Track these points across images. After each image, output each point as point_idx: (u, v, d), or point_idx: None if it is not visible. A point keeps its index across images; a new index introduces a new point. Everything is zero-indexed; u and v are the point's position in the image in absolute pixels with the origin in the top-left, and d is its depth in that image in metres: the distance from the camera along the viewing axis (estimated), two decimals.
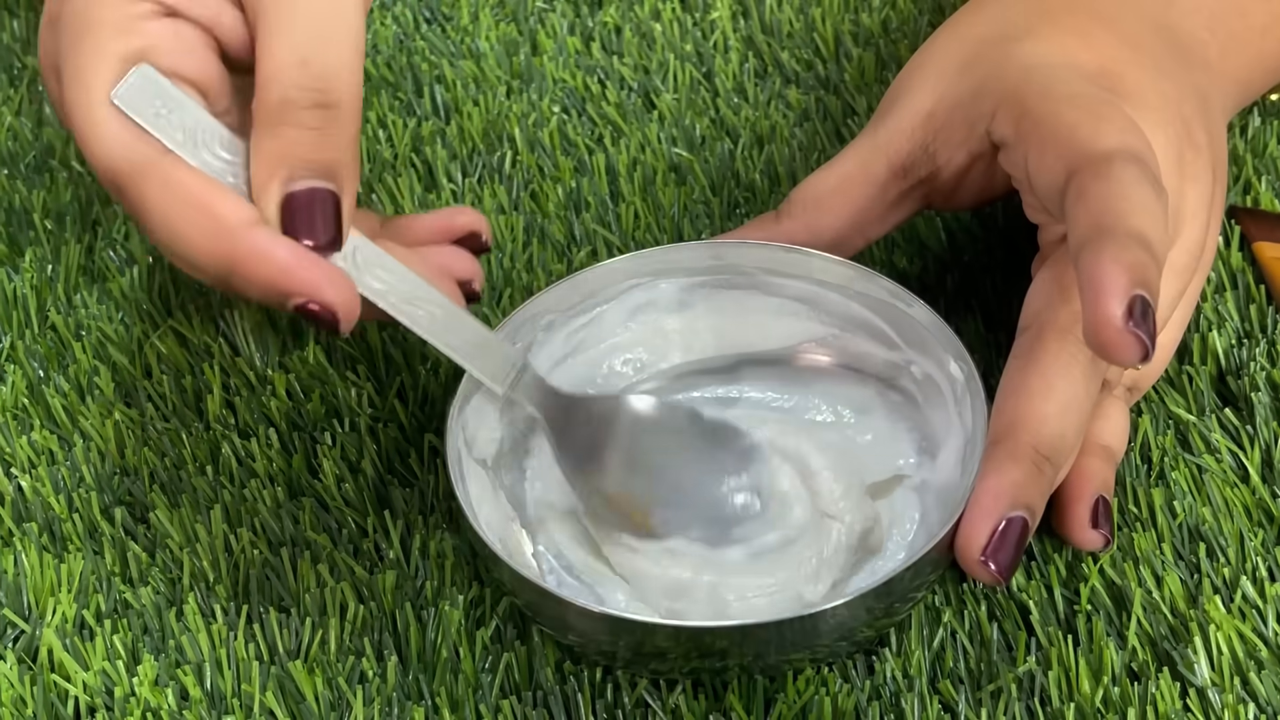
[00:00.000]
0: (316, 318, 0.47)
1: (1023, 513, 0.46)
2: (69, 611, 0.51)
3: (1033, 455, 0.46)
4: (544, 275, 0.60)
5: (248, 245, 0.46)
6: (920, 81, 0.53)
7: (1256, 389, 0.53)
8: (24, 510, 0.54)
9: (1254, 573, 0.49)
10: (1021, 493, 0.46)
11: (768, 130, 0.65)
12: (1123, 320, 0.43)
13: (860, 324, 0.53)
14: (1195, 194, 0.50)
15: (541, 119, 0.67)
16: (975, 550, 0.46)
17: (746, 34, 0.69)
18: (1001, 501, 0.46)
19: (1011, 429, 0.47)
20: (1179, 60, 0.53)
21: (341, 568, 0.52)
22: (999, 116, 0.50)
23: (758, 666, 0.47)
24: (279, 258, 0.46)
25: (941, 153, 0.52)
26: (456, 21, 0.72)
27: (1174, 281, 0.50)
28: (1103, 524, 0.49)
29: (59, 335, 0.60)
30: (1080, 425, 0.48)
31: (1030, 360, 0.48)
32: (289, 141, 0.47)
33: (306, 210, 0.47)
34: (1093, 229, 0.45)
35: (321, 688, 0.49)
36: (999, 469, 0.46)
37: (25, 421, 0.57)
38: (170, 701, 0.49)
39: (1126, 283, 0.43)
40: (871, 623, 0.46)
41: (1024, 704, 0.47)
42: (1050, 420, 0.47)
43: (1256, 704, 0.46)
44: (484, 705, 0.48)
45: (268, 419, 0.56)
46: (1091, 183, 0.46)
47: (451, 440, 0.49)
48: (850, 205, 0.53)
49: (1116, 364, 0.44)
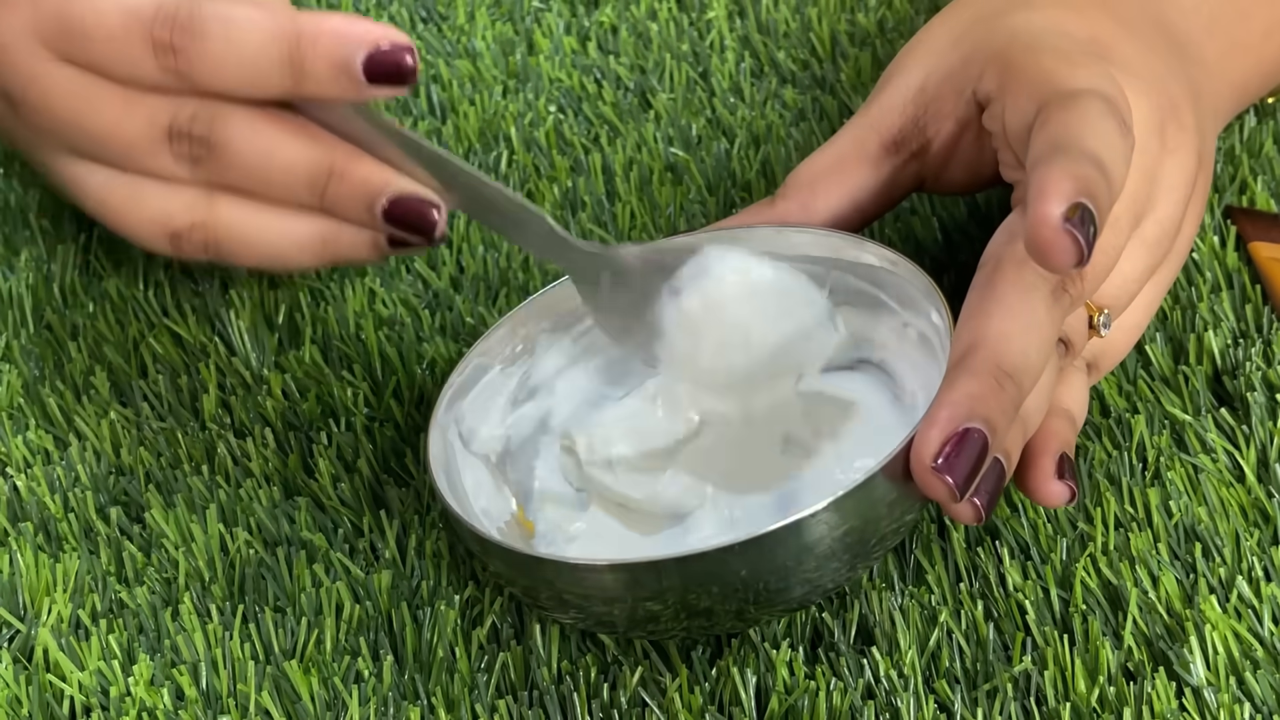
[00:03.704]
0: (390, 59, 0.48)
1: (979, 424, 0.44)
2: (64, 611, 0.51)
3: (992, 370, 0.45)
4: (540, 275, 0.60)
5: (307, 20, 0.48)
6: (912, 61, 0.53)
7: (1252, 389, 0.53)
8: (19, 509, 0.54)
9: (1249, 572, 0.49)
10: (978, 405, 0.45)
11: (764, 130, 0.65)
12: (1060, 220, 0.43)
13: (865, 298, 0.52)
14: (1175, 168, 0.50)
15: (538, 118, 0.67)
16: (926, 457, 0.44)
17: (743, 34, 0.69)
18: (957, 410, 0.45)
19: (970, 349, 0.46)
20: (1174, 53, 0.52)
21: (337, 567, 0.52)
22: (985, 75, 0.51)
23: (742, 618, 0.47)
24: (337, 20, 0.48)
25: (932, 124, 0.52)
26: (452, 21, 0.72)
27: (1143, 254, 0.49)
28: (1068, 476, 0.48)
29: (54, 335, 0.60)
30: (1043, 349, 0.46)
31: (988, 289, 0.47)
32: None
33: None
34: (1049, 147, 0.45)
35: (317, 687, 0.49)
36: (954, 383, 0.45)
37: (21, 421, 0.57)
38: (166, 701, 0.49)
39: (1071, 189, 0.43)
40: (837, 557, 0.46)
41: (1020, 703, 0.47)
42: (1011, 338, 0.46)
43: (1252, 703, 0.46)
44: (480, 705, 0.48)
45: (263, 418, 0.56)
46: (1056, 112, 0.46)
47: (440, 432, 0.50)
48: (844, 184, 0.53)
49: (1052, 268, 0.44)
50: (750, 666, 0.48)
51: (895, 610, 0.49)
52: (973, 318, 0.47)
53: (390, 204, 0.49)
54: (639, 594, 0.46)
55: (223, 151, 0.50)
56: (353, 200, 0.50)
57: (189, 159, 0.50)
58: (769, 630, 0.49)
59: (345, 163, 0.50)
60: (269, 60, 0.49)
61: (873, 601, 0.49)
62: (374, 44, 0.48)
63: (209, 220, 0.51)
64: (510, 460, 0.52)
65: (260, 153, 0.50)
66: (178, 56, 0.49)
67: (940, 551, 0.51)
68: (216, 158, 0.50)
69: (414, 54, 0.48)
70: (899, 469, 0.45)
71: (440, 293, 0.60)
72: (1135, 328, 0.52)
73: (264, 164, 0.50)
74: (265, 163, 0.50)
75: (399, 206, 0.49)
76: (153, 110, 0.50)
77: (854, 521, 0.45)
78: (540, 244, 0.50)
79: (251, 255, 0.51)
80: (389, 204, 0.49)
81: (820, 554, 0.45)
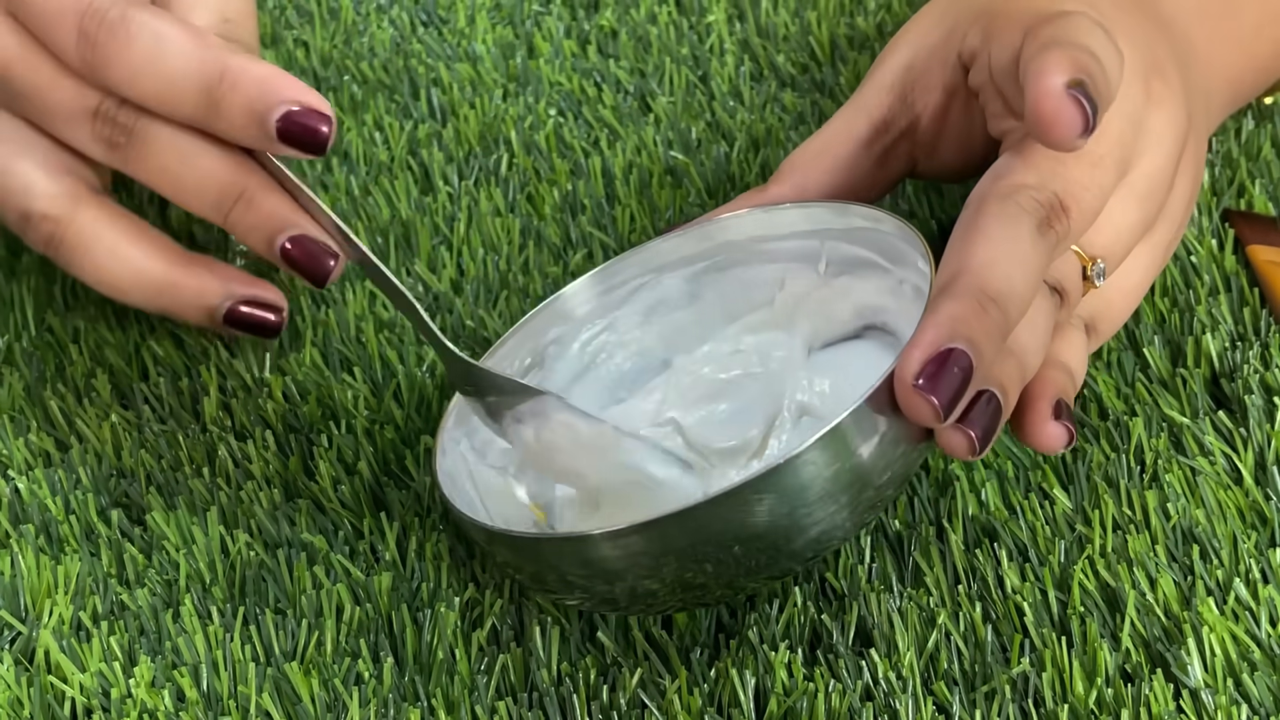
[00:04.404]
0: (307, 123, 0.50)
1: (962, 344, 0.44)
2: (65, 613, 0.51)
3: (975, 294, 0.45)
4: (540, 277, 0.60)
5: (236, 62, 0.50)
6: (899, 45, 0.54)
7: (1250, 392, 0.53)
8: (21, 512, 0.55)
9: (1247, 575, 0.49)
10: (960, 325, 0.44)
11: (763, 133, 0.65)
12: (1063, 89, 0.43)
13: (860, 263, 0.52)
14: (1162, 121, 0.50)
15: (538, 122, 0.67)
16: (908, 376, 0.44)
17: (742, 37, 0.69)
18: (939, 331, 0.44)
19: (953, 276, 0.45)
20: (1161, 31, 0.52)
21: (338, 569, 0.52)
22: (969, 35, 0.51)
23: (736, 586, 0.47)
24: (265, 70, 0.50)
25: (920, 99, 0.53)
26: (453, 24, 0.72)
27: (1135, 205, 0.49)
28: (1065, 418, 0.48)
29: (56, 337, 0.60)
30: (1028, 278, 0.46)
31: (972, 224, 0.46)
32: None
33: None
34: (1041, 46, 0.46)
35: (318, 689, 0.49)
36: (938, 307, 0.45)
37: (22, 424, 0.57)
38: (167, 703, 0.49)
39: (1070, 66, 0.44)
40: (836, 492, 0.45)
41: (1018, 705, 0.47)
42: (995, 264, 0.45)
43: (1249, 705, 0.46)
44: (480, 707, 0.48)
45: (264, 421, 0.56)
46: (1045, 26, 0.47)
47: (447, 441, 0.50)
48: (835, 165, 0.53)
49: (1058, 141, 0.44)
50: (749, 668, 0.48)
51: (894, 612, 0.49)
52: (956, 250, 0.46)
53: (290, 242, 0.52)
54: (655, 550, 0.45)
55: (142, 144, 0.51)
56: (255, 229, 0.52)
57: (106, 141, 0.51)
58: (767, 631, 0.49)
59: (257, 190, 0.52)
60: (187, 86, 0.50)
61: (871, 603, 0.49)
62: (293, 103, 0.50)
63: (64, 216, 0.52)
64: (530, 471, 0.52)
65: (179, 154, 0.51)
66: (95, 52, 0.50)
67: (939, 553, 0.51)
68: (135, 148, 0.51)
69: (331, 124, 0.50)
70: (885, 399, 0.44)
71: (440, 295, 0.60)
72: (1135, 290, 0.52)
73: (179, 167, 0.51)
74: (180, 166, 0.51)
75: (299, 246, 0.52)
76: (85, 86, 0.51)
77: (845, 460, 0.44)
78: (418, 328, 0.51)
79: (89, 271, 0.53)
80: (289, 241, 0.52)
81: (815, 497, 0.44)
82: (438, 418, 0.56)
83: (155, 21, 0.50)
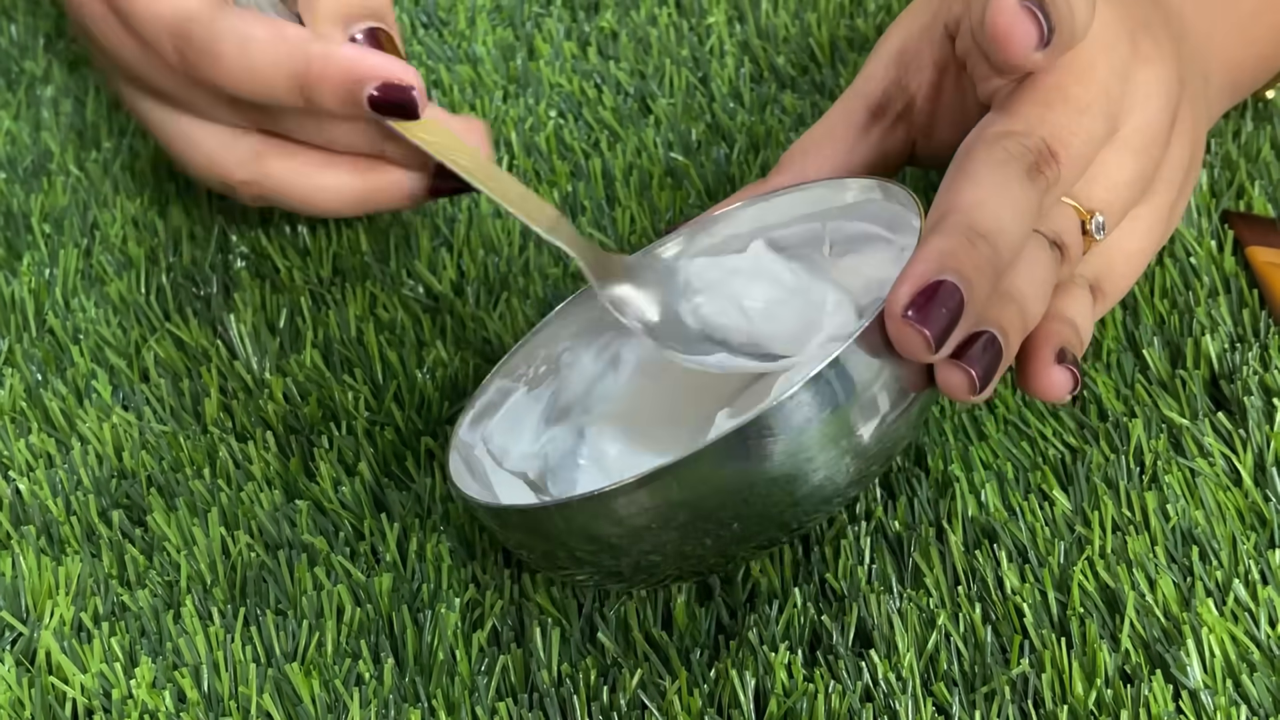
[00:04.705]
0: (394, 97, 0.53)
1: (951, 276, 0.44)
2: (66, 614, 0.51)
3: (964, 230, 0.45)
4: (540, 279, 0.60)
5: (318, 50, 0.53)
6: (891, 32, 0.55)
7: (1249, 393, 0.53)
8: (22, 513, 0.55)
9: (1246, 576, 0.49)
10: (948, 259, 0.44)
11: (763, 135, 0.65)
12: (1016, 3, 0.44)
13: (863, 238, 0.52)
14: (1151, 77, 0.50)
15: (538, 123, 0.67)
16: (898, 309, 0.44)
17: (742, 39, 0.70)
18: (928, 265, 0.44)
19: (941, 216, 0.45)
20: (1156, 8, 0.52)
21: (338, 570, 0.52)
22: (954, 6, 0.52)
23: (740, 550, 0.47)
24: (347, 53, 0.53)
25: (913, 79, 0.53)
26: (453, 26, 0.72)
27: (1130, 160, 0.49)
28: (1069, 363, 0.47)
29: (57, 339, 0.60)
30: (1019, 219, 0.46)
31: (959, 168, 0.47)
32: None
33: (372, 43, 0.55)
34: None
35: (318, 690, 0.49)
36: (927, 242, 0.45)
37: (23, 425, 0.57)
38: (168, 703, 0.49)
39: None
40: (836, 436, 0.45)
41: (1017, 706, 0.47)
42: (984, 203, 0.45)
43: (1249, 706, 0.46)
44: (480, 707, 0.48)
45: (265, 422, 0.56)
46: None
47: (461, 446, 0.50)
48: (835, 151, 0.54)
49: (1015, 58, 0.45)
50: (749, 669, 0.48)
51: (893, 613, 0.49)
52: (944, 194, 0.46)
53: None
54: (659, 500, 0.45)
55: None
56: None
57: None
58: (767, 632, 0.49)
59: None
60: (279, 83, 0.53)
61: (871, 604, 0.50)
62: (381, 80, 0.52)
63: (259, 178, 0.56)
64: (551, 476, 0.52)
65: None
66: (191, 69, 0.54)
67: (938, 554, 0.51)
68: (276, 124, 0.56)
69: (416, 88, 0.53)
70: (877, 339, 0.44)
71: (441, 297, 0.60)
72: (1138, 254, 0.51)
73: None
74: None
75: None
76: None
77: (840, 400, 0.44)
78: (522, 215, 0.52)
79: (299, 205, 0.57)
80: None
81: (813, 440, 0.44)
82: (438, 419, 0.56)
83: (236, 24, 0.53)
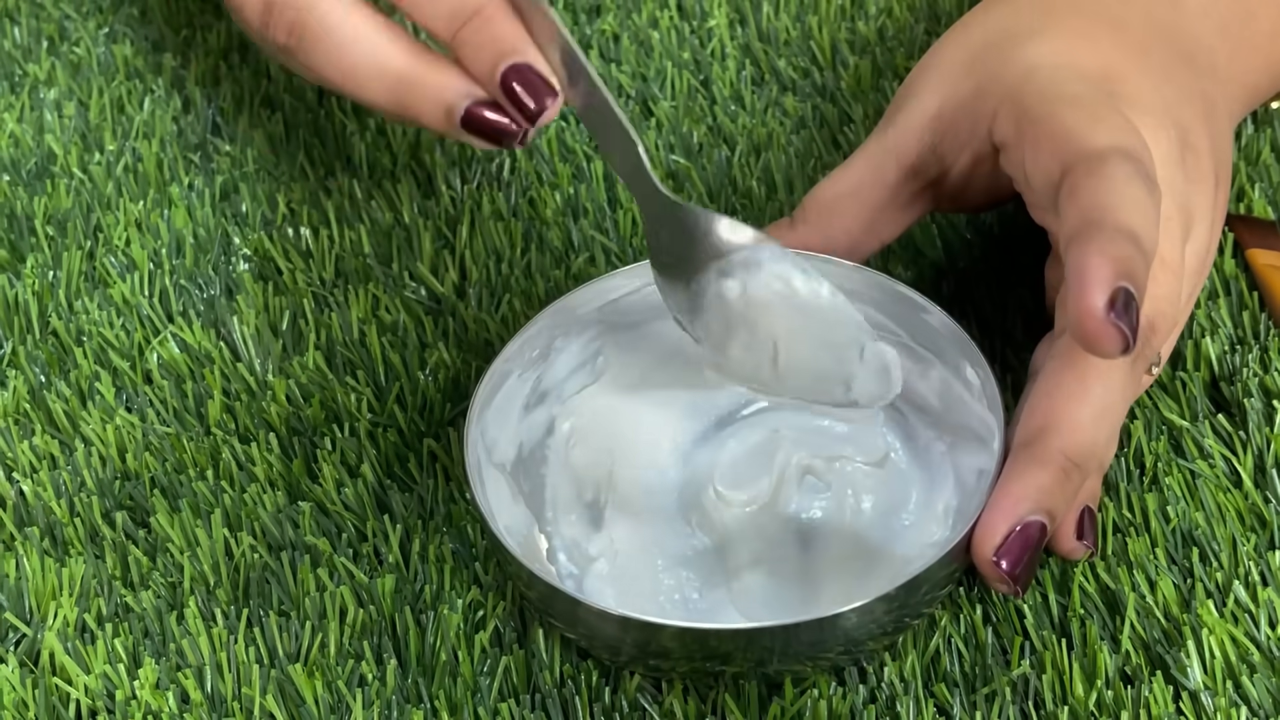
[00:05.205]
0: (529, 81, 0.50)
1: (1042, 517, 0.46)
2: (70, 615, 0.51)
3: (1062, 461, 0.46)
4: (542, 281, 0.61)
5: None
6: (926, 83, 0.53)
7: (1249, 395, 0.54)
8: (25, 514, 0.55)
9: (1246, 577, 0.49)
10: (1045, 497, 0.46)
11: (765, 138, 0.65)
12: (1105, 311, 0.43)
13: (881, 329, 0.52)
14: (1199, 196, 0.51)
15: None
16: (988, 549, 0.45)
17: (744, 42, 0.70)
18: (1023, 505, 0.46)
19: (1042, 433, 0.47)
20: (1186, 65, 0.53)
21: (341, 572, 0.52)
22: (1000, 117, 0.50)
23: (757, 673, 0.48)
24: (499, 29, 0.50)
25: (949, 154, 0.52)
26: None
27: (1188, 283, 0.50)
28: (1088, 535, 0.49)
29: (60, 341, 0.60)
30: (1113, 434, 0.48)
31: (1068, 362, 0.47)
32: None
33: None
34: (1082, 223, 0.45)
35: (321, 691, 0.49)
36: (1024, 472, 0.46)
37: (27, 426, 0.57)
38: (171, 704, 0.49)
39: (1110, 274, 0.44)
40: (880, 632, 0.46)
41: (1018, 707, 0.47)
42: (1084, 427, 0.47)
43: (1249, 707, 0.47)
44: (483, 708, 0.48)
45: (267, 424, 0.57)
46: (1084, 179, 0.46)
47: (471, 446, 0.50)
48: (863, 209, 0.53)
49: (1098, 355, 0.44)
50: None
51: None
52: (1049, 396, 0.47)
53: (513, 70, 0.50)
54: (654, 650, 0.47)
55: None
56: (482, 49, 0.50)
57: None
58: None
59: (495, 11, 0.50)
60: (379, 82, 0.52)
61: None
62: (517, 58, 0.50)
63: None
64: (523, 468, 0.52)
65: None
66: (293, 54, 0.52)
67: None
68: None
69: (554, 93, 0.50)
70: (960, 554, 0.46)
71: (443, 299, 0.60)
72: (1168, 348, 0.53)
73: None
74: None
75: (521, 75, 0.50)
76: None
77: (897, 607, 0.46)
78: (625, 170, 0.50)
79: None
80: (512, 69, 0.50)
81: (852, 637, 0.46)
82: (441, 421, 0.56)
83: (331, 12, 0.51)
